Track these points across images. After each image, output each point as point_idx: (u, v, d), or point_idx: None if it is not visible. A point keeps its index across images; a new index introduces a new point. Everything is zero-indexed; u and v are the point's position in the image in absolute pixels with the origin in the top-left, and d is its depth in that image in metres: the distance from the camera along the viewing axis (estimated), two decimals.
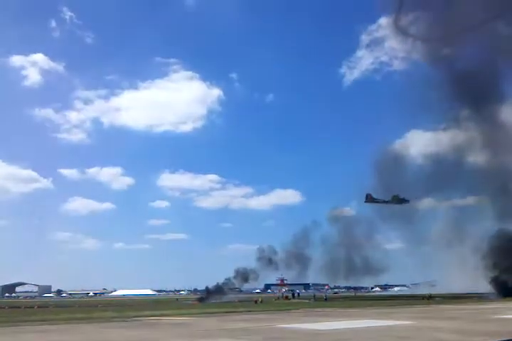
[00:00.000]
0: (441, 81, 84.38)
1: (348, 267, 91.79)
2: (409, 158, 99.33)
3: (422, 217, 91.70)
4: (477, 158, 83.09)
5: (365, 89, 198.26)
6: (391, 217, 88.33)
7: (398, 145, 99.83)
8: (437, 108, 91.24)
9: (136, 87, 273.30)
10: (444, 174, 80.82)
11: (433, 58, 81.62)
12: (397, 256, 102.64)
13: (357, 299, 75.91)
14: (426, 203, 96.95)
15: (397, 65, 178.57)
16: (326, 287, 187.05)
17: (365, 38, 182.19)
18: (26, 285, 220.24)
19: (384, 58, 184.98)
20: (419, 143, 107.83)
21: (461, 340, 13.22)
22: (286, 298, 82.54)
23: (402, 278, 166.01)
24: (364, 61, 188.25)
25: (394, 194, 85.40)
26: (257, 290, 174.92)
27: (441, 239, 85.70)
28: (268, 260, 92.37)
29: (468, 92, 77.64)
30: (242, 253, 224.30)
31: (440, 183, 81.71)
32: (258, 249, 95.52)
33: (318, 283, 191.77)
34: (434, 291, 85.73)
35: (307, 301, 64.86)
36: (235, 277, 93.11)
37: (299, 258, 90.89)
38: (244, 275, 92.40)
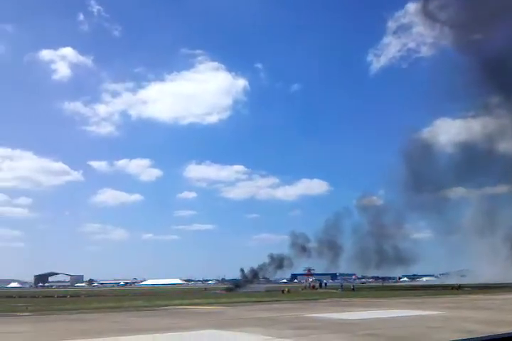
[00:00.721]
0: (470, 67, 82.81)
1: (379, 256, 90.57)
2: (438, 146, 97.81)
3: (452, 206, 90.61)
4: (508, 145, 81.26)
5: (392, 76, 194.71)
6: (420, 206, 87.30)
7: (426, 133, 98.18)
8: (466, 95, 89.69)
9: (162, 79, 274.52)
10: (475, 162, 79.27)
11: (462, 44, 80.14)
12: (426, 245, 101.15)
13: (385, 289, 75.51)
14: (456, 192, 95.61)
15: (425, 52, 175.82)
16: (354, 277, 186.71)
17: (391, 25, 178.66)
18: (59, 275, 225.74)
19: (411, 45, 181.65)
20: (448, 131, 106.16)
21: (490, 330, 13.12)
22: (314, 287, 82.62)
23: (431, 268, 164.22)
24: (391, 48, 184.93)
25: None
26: (284, 280, 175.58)
27: (471, 228, 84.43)
28: (301, 247, 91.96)
29: (499, 78, 75.90)
30: (268, 243, 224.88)
31: (471, 172, 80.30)
32: (291, 236, 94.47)
33: (345, 273, 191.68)
34: (463, 281, 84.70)
35: (334, 291, 64.85)
36: (269, 263, 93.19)
37: (331, 246, 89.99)
38: (279, 261, 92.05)
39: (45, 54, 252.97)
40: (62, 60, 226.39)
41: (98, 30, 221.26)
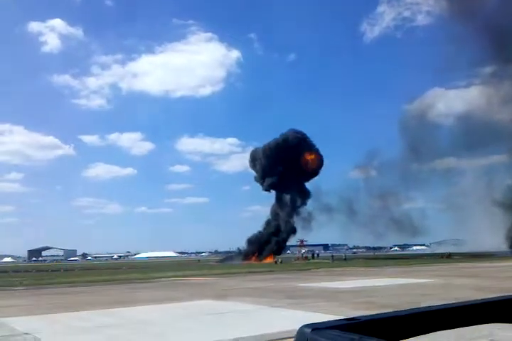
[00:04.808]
0: (466, 36, 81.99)
1: (382, 226, 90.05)
2: (431, 116, 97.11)
3: (445, 177, 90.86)
4: (503, 115, 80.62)
5: (386, 46, 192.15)
6: (415, 177, 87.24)
7: (421, 103, 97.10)
8: (461, 65, 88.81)
9: (153, 51, 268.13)
10: (470, 133, 78.91)
11: (459, 11, 78.78)
12: (420, 215, 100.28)
13: (376, 258, 76.61)
14: (449, 162, 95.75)
15: (420, 20, 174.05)
16: (345, 247, 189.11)
17: None
18: (52, 250, 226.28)
19: (406, 13, 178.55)
20: (443, 102, 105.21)
21: (479, 296, 13.32)
22: (306, 258, 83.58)
23: (424, 238, 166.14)
24: (385, 17, 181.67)
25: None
26: None
27: (465, 197, 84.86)
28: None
29: (495, 47, 75.05)
30: (262, 215, 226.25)
31: (465, 142, 79.98)
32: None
33: (337, 243, 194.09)
34: (455, 250, 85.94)
35: (327, 261, 65.70)
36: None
37: (328, 211, 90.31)
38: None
39: (34, 26, 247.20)
40: (51, 32, 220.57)
41: (87, 0, 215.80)
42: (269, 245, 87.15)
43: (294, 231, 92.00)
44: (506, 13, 72.36)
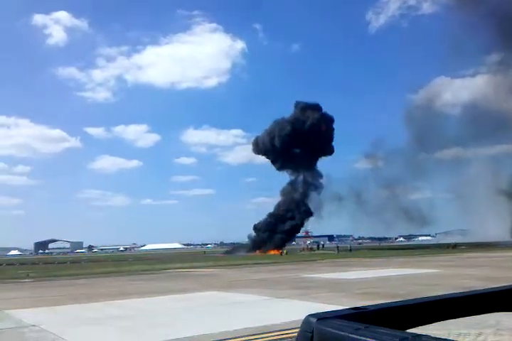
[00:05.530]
0: (472, 23, 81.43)
1: (391, 216, 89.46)
2: (437, 105, 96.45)
3: (451, 167, 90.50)
4: (510, 104, 79.81)
5: (392, 35, 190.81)
6: (422, 167, 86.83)
7: (426, 92, 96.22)
8: (467, 53, 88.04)
9: (158, 43, 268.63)
10: (477, 122, 78.30)
11: None
12: (427, 205, 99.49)
13: (381, 249, 76.66)
14: (457, 152, 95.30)
15: (426, 9, 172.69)
16: (350, 238, 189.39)
17: None
18: (59, 242, 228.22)
19: (411, 2, 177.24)
20: (449, 91, 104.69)
21: (484, 285, 13.32)
22: (311, 249, 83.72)
23: (431, 227, 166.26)
24: (391, 5, 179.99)
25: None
26: None
27: (474, 188, 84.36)
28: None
29: (502, 34, 74.23)
30: (266, 207, 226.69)
31: (473, 131, 79.31)
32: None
33: (342, 234, 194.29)
34: (461, 240, 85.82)
35: (332, 252, 65.82)
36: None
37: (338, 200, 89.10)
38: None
39: (38, 19, 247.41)
40: (56, 24, 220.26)
41: None
42: (276, 235, 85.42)
43: (309, 213, 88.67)
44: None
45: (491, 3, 74.91)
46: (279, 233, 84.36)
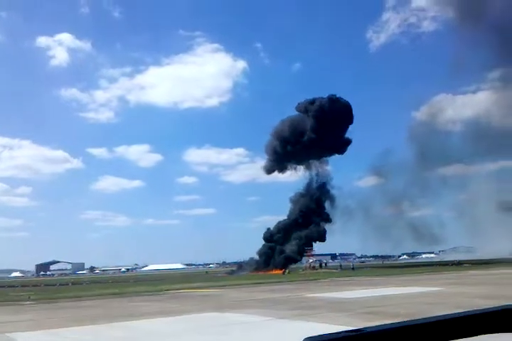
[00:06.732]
0: (472, 40, 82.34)
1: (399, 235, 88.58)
2: (440, 123, 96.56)
3: (453, 183, 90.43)
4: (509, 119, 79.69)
5: (392, 53, 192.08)
6: (424, 184, 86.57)
7: (428, 109, 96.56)
8: (468, 69, 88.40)
9: (160, 63, 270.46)
10: (479, 138, 78.34)
11: (464, 16, 78.75)
12: (436, 223, 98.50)
13: (384, 267, 76.12)
14: (460, 168, 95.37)
15: (426, 26, 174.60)
16: (353, 256, 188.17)
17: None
18: (60, 263, 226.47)
19: (412, 20, 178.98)
20: (451, 108, 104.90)
21: (488, 304, 13.27)
22: (314, 268, 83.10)
23: (438, 245, 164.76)
24: (391, 24, 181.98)
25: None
26: None
27: (477, 204, 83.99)
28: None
29: (503, 50, 74.77)
30: (269, 225, 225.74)
31: (476, 148, 79.33)
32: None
33: (345, 252, 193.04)
34: (465, 257, 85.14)
35: (335, 271, 65.39)
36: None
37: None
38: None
39: (42, 40, 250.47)
40: (59, 46, 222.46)
41: (95, 13, 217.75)
42: (280, 256, 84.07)
43: (321, 237, 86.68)
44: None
45: (491, 20, 75.77)
46: (285, 251, 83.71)
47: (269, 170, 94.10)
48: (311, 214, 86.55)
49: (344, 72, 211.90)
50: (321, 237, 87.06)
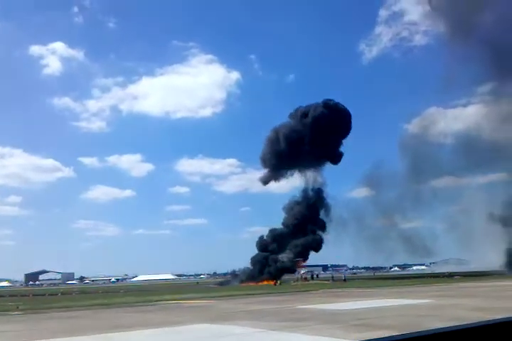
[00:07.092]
0: (464, 54, 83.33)
1: (392, 247, 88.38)
2: (431, 136, 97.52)
3: (444, 196, 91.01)
4: (500, 133, 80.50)
5: (384, 66, 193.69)
6: (415, 197, 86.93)
7: (419, 122, 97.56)
8: (459, 83, 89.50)
9: (153, 73, 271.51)
10: (470, 152, 79.02)
11: (455, 30, 79.70)
12: (428, 235, 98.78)
13: (376, 279, 76.00)
14: (451, 181, 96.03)
15: (418, 40, 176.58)
16: (345, 268, 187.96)
17: (383, 13, 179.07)
18: (49, 273, 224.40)
19: (404, 33, 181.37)
20: (441, 121, 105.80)
21: (478, 317, 13.23)
22: (305, 279, 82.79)
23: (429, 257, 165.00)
24: (383, 37, 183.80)
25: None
26: None
27: (468, 216, 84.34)
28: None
29: (494, 64, 75.59)
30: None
31: (466, 161, 79.98)
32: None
33: (336, 264, 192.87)
34: (456, 270, 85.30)
35: (326, 282, 65.17)
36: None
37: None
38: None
39: (35, 49, 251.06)
40: (52, 55, 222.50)
41: (89, 23, 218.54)
42: (271, 267, 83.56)
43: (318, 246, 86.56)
44: (503, 29, 73.42)
45: (481, 35, 76.71)
46: (279, 260, 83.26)
47: (265, 182, 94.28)
48: (306, 221, 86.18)
49: (337, 84, 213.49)
50: (318, 246, 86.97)
